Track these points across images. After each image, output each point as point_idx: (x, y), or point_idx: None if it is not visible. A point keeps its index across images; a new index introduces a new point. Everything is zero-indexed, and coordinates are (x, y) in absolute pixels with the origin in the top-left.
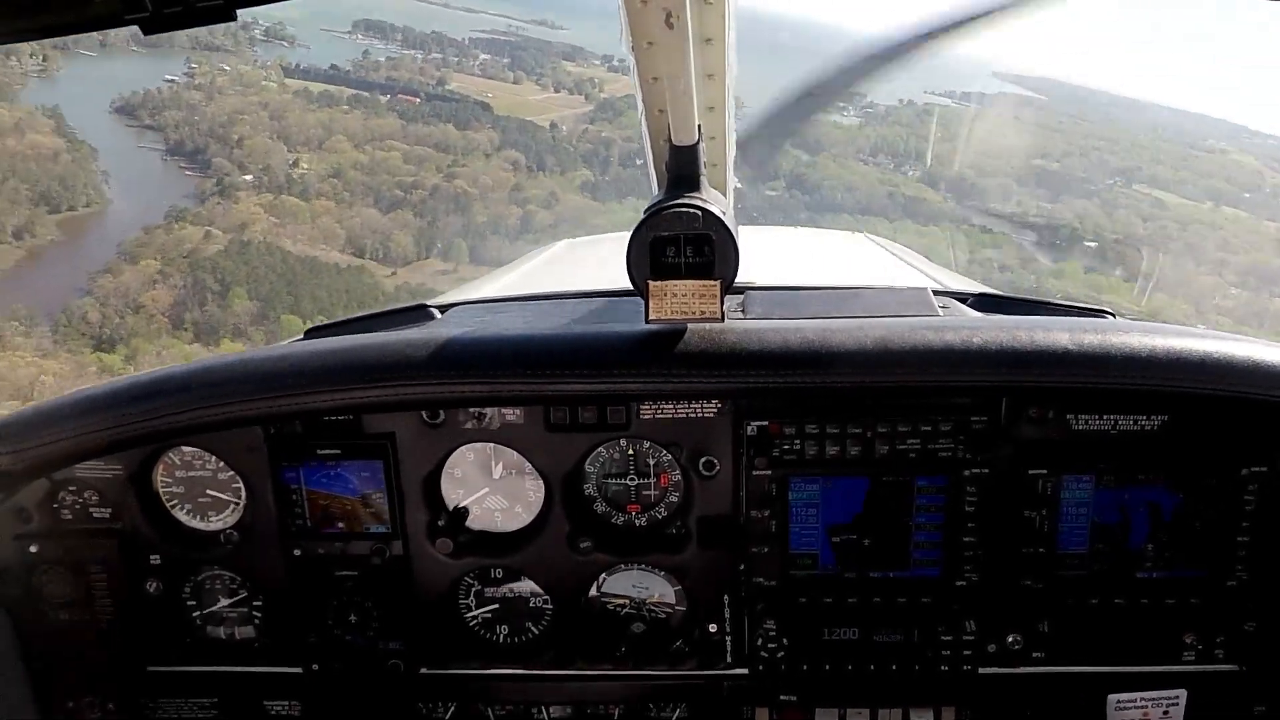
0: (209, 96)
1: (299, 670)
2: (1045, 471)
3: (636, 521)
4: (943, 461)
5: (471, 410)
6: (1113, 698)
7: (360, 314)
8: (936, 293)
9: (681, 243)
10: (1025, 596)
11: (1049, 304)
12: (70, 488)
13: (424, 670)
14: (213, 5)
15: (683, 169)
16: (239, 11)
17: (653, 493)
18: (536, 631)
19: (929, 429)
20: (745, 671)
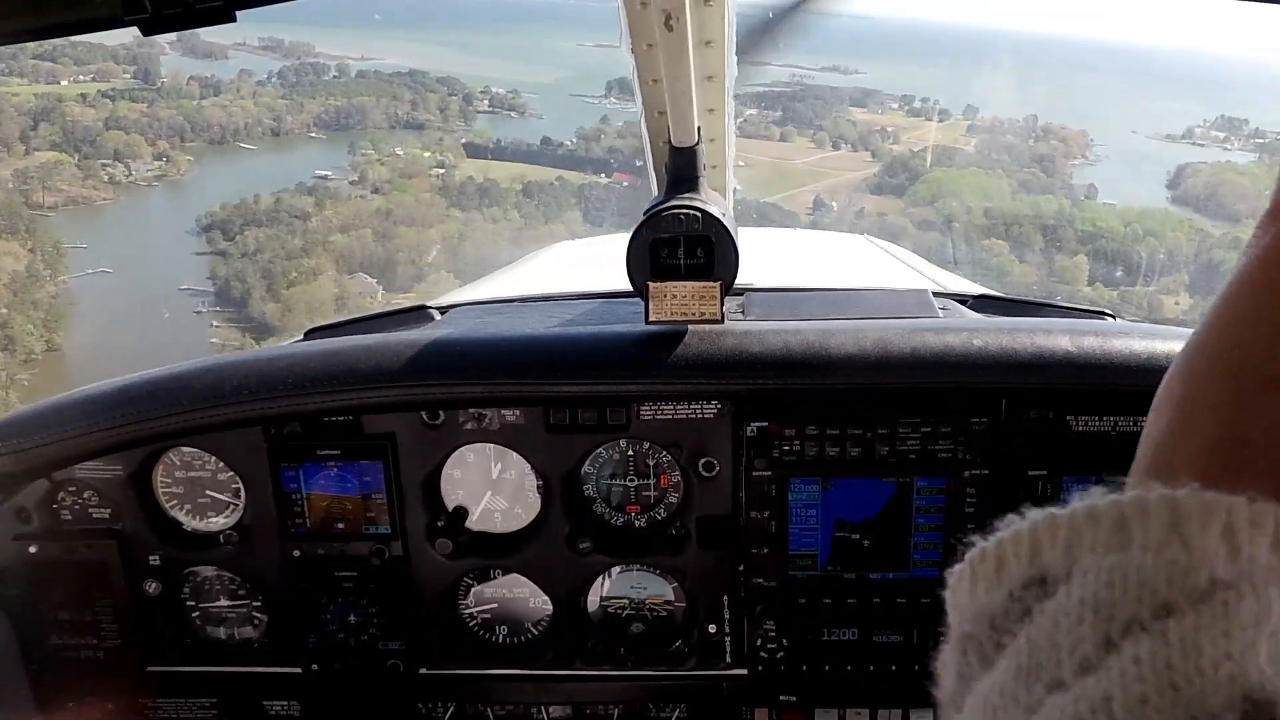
0: (319, 203)
1: (298, 670)
2: (1045, 473)
3: (636, 522)
4: (943, 463)
5: (471, 411)
6: None
7: (360, 315)
8: (936, 294)
9: (681, 244)
10: None
11: (1049, 305)
12: (70, 488)
13: (423, 670)
14: (213, 6)
15: (682, 170)
16: (239, 13)
17: (652, 493)
18: (536, 632)
19: (929, 430)
20: (745, 672)
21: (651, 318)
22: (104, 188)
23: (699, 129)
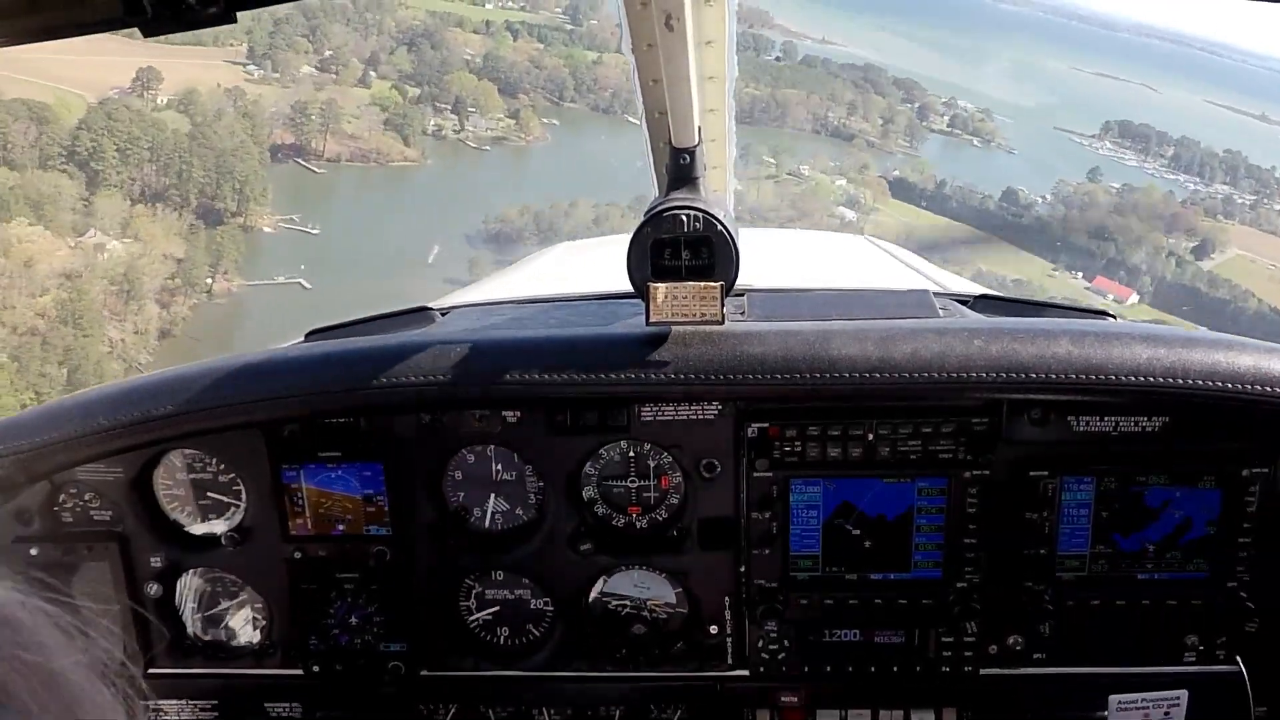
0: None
1: (299, 672)
2: (1046, 473)
3: (637, 523)
4: (944, 463)
5: (473, 412)
6: (1114, 699)
7: (362, 316)
8: (937, 295)
9: (682, 245)
10: (1026, 598)
11: (1049, 305)
12: (71, 490)
13: (424, 672)
14: (213, 6)
15: (683, 171)
16: (239, 14)
17: (653, 495)
18: (537, 633)
19: (930, 431)
20: (746, 673)
21: (652, 319)
22: (417, 142)
23: (699, 129)
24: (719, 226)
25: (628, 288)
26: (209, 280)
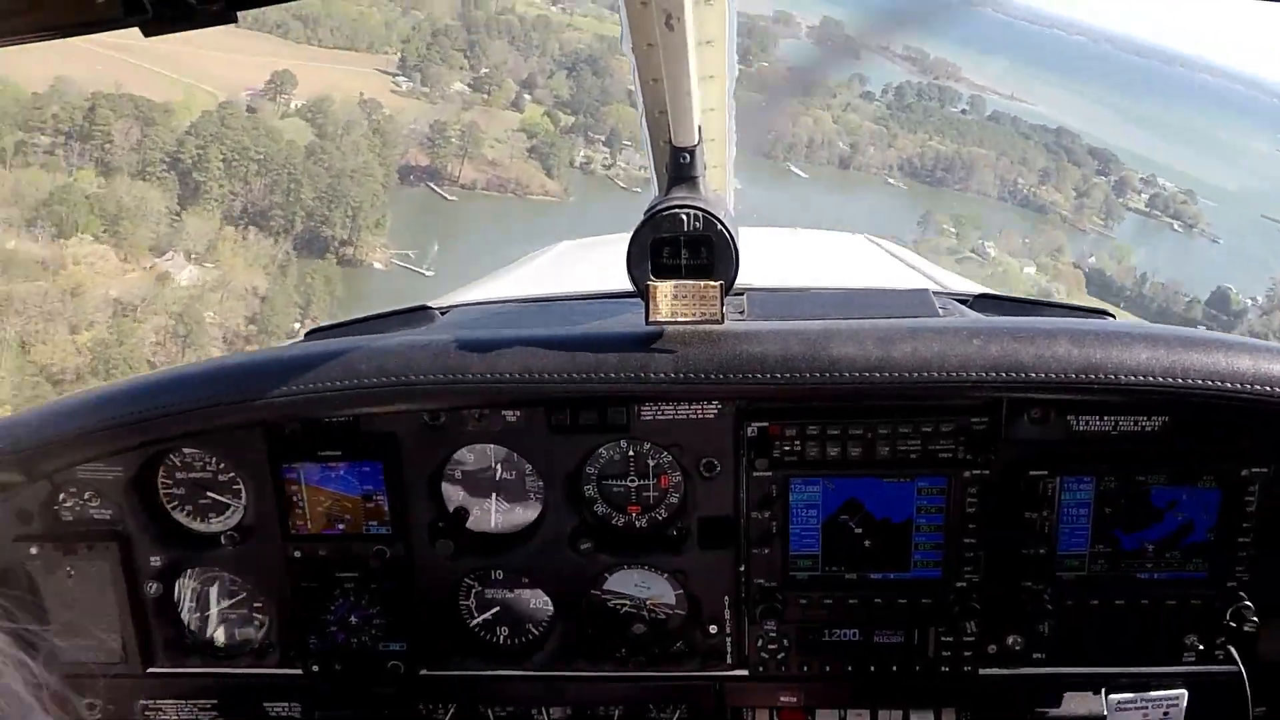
0: None
1: (299, 672)
2: (1045, 473)
3: (637, 523)
4: (943, 463)
5: (472, 411)
6: (1113, 698)
7: (362, 315)
8: (936, 294)
9: (681, 244)
10: (1026, 598)
11: (1049, 304)
12: (71, 489)
13: (424, 671)
14: (213, 7)
15: (683, 170)
16: (239, 13)
17: (653, 494)
18: (537, 633)
19: (929, 430)
20: (745, 673)
21: (652, 318)
22: (562, 175)
23: (699, 128)
24: (719, 226)
25: (627, 287)
26: (295, 325)
